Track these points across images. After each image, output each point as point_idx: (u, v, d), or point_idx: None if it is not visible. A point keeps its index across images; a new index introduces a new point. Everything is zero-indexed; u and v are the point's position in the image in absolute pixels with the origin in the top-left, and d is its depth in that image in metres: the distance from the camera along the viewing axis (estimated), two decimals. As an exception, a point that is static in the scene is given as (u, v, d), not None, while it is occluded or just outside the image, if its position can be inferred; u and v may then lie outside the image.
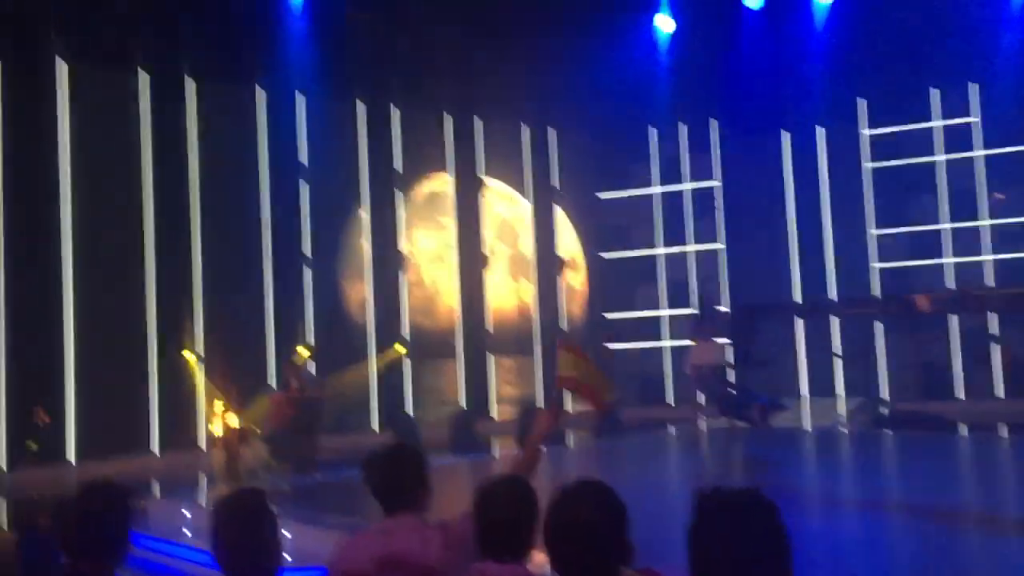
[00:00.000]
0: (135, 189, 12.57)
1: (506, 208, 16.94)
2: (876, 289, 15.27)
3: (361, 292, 14.85)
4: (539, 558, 2.73)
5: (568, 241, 17.60)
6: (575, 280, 17.59)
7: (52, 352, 11.69)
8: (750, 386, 10.29)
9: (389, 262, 15.05)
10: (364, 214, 14.89)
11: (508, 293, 16.77)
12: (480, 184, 16.32)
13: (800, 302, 15.46)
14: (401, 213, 15.34)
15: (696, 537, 1.72)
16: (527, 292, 16.89)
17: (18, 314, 11.50)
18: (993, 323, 14.56)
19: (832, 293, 15.63)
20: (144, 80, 12.80)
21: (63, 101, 12.14)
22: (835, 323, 15.49)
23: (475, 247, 16.09)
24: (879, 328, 15.25)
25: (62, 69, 12.16)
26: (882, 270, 15.32)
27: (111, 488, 2.68)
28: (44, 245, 11.82)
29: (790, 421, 12.48)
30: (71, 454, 11.72)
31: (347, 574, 2.95)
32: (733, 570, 1.67)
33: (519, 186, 17.02)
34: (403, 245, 15.29)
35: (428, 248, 15.82)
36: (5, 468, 11.14)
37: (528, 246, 16.97)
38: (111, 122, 12.45)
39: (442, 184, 16.02)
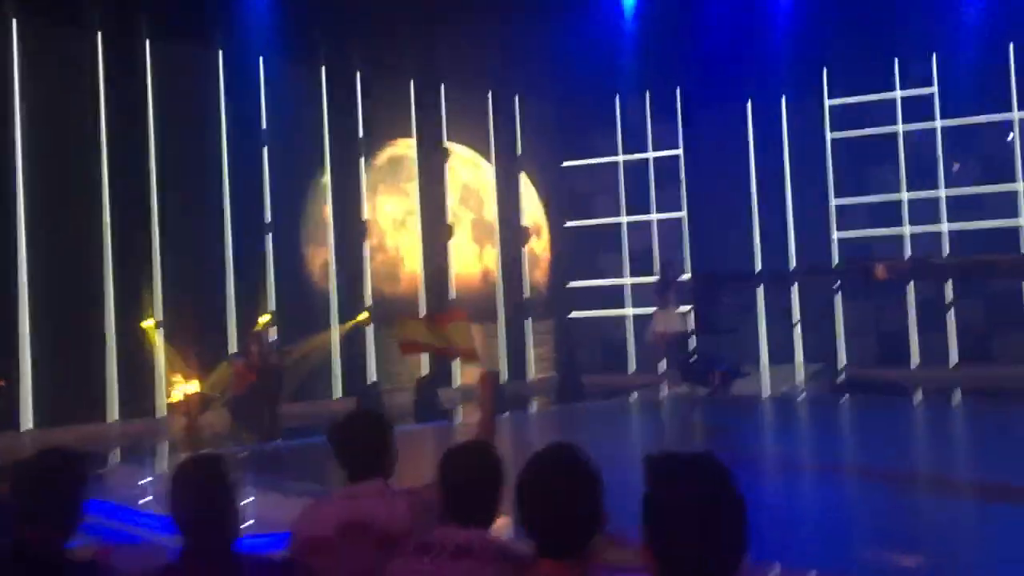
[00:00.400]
0: (91, 152, 12.29)
1: (470, 173, 16.86)
2: (836, 258, 15.48)
3: (323, 258, 14.73)
4: (501, 522, 2.74)
5: (532, 209, 17.59)
6: (538, 248, 17.60)
7: (7, 318, 11.46)
8: (711, 353, 10.38)
9: (351, 228, 14.93)
10: (326, 179, 14.73)
11: (472, 259, 16.73)
12: (443, 149, 16.21)
13: (760, 271, 15.62)
14: (363, 178, 15.20)
15: (649, 503, 1.71)
16: (491, 258, 16.88)
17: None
18: (948, 291, 14.83)
19: (793, 262, 15.81)
20: (98, 40, 12.48)
21: (15, 58, 11.81)
22: (795, 291, 15.68)
23: (439, 213, 16.01)
24: (838, 296, 15.47)
25: (12, 25, 11.82)
26: (842, 239, 15.51)
27: (63, 454, 2.64)
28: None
29: (750, 388, 12.66)
30: (27, 421, 11.54)
31: (311, 539, 2.93)
32: (687, 536, 1.66)
33: (483, 152, 16.94)
34: (366, 211, 15.16)
35: (391, 213, 15.71)
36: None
37: (492, 212, 16.92)
38: (65, 83, 12.14)
39: (405, 148, 15.88)
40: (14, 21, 11.84)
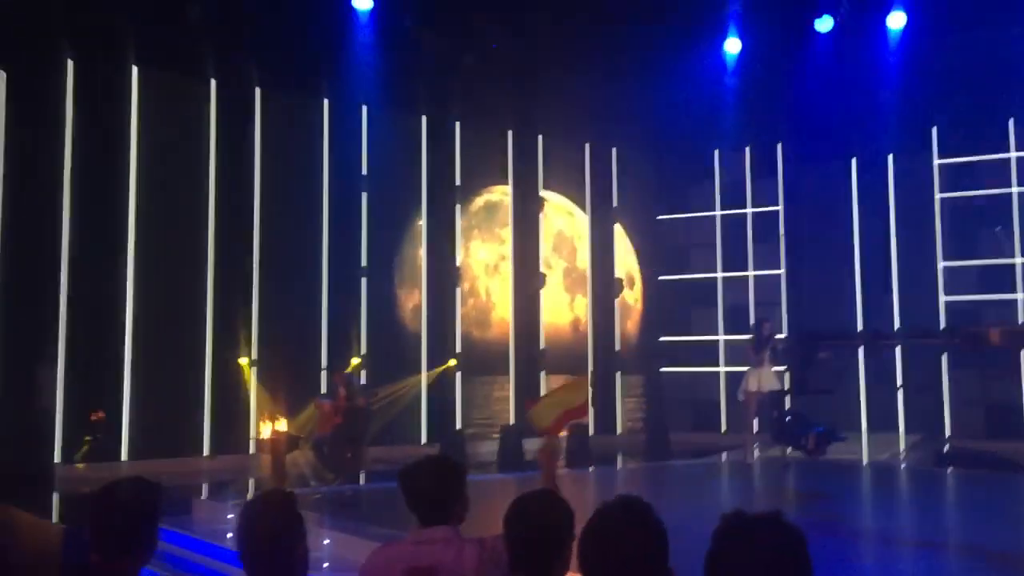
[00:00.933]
0: (199, 196, 12.81)
1: (564, 221, 16.88)
2: (943, 323, 14.83)
3: (415, 302, 14.91)
4: (570, 576, 2.63)
5: (625, 260, 17.47)
6: (631, 300, 17.43)
7: (111, 353, 11.92)
8: (806, 415, 9.97)
9: (444, 273, 15.08)
10: (422, 223, 14.95)
11: (562, 308, 16.67)
12: (539, 197, 16.30)
13: (863, 330, 15.06)
14: (458, 224, 15.37)
15: (711, 560, 1.62)
16: (581, 308, 16.78)
17: (80, 315, 11.75)
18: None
19: (897, 325, 15.21)
20: (212, 88, 13.06)
21: (134, 105, 12.44)
22: (899, 356, 15.07)
23: (532, 260, 16.05)
24: (944, 363, 14.80)
25: (134, 73, 12.47)
26: (949, 303, 14.88)
27: (138, 484, 2.65)
28: (108, 249, 12.09)
29: (848, 454, 12.16)
30: (124, 454, 11.90)
31: (379, 583, 2.89)
32: None
33: (578, 201, 16.97)
34: (459, 257, 15.29)
35: (484, 259, 15.81)
36: (58, 462, 11.34)
37: (585, 261, 16.87)
38: (178, 128, 12.72)
39: (500, 195, 16.03)
40: (135, 70, 12.49)
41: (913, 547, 7.03)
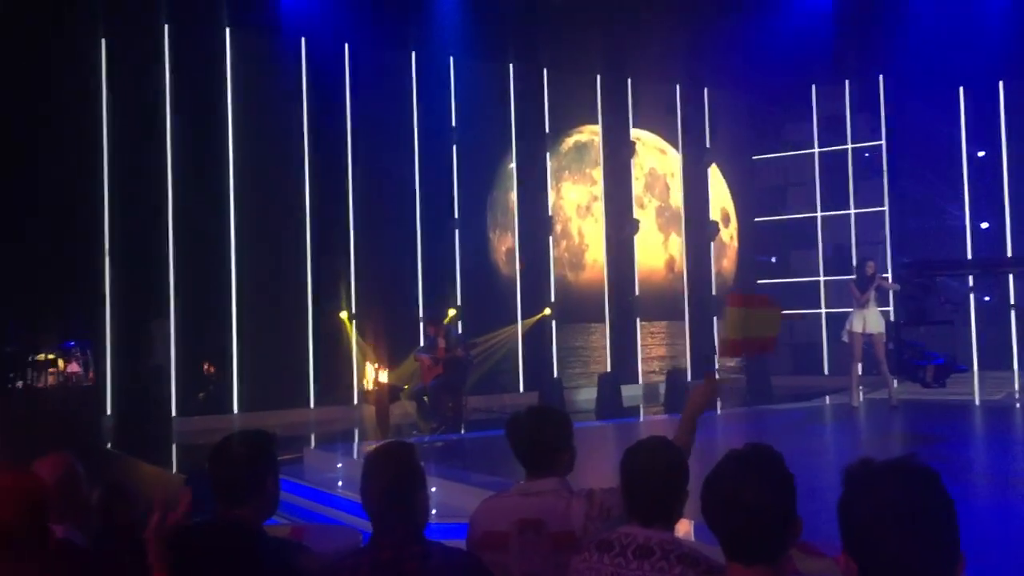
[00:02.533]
0: (295, 155, 13.03)
1: (656, 160, 16.61)
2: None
3: (509, 246, 14.94)
4: (685, 525, 2.62)
5: (721, 198, 17.12)
6: (727, 238, 17.11)
7: (218, 310, 12.35)
8: (923, 346, 9.60)
9: (536, 217, 15.05)
10: (512, 166, 14.90)
11: (656, 248, 16.46)
12: (630, 140, 16.07)
13: (979, 257, 14.40)
14: (548, 171, 15.28)
15: (848, 511, 1.58)
16: (676, 247, 16.57)
17: (188, 274, 12.18)
18: None
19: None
20: (303, 47, 13.21)
21: (228, 69, 12.69)
22: (1012, 288, 14.43)
23: (624, 201, 15.88)
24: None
25: (227, 37, 12.71)
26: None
27: (257, 435, 2.72)
28: (211, 209, 12.44)
29: (958, 395, 11.78)
30: (235, 406, 12.38)
31: (488, 534, 2.93)
32: (891, 543, 1.52)
33: (670, 139, 16.66)
34: (550, 204, 15.20)
35: (576, 199, 15.70)
36: (175, 415, 11.86)
37: (678, 200, 16.60)
38: (270, 86, 12.91)
39: (590, 135, 15.84)
40: (228, 33, 12.71)
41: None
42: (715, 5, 14.71)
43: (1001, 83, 14.83)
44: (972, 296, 14.51)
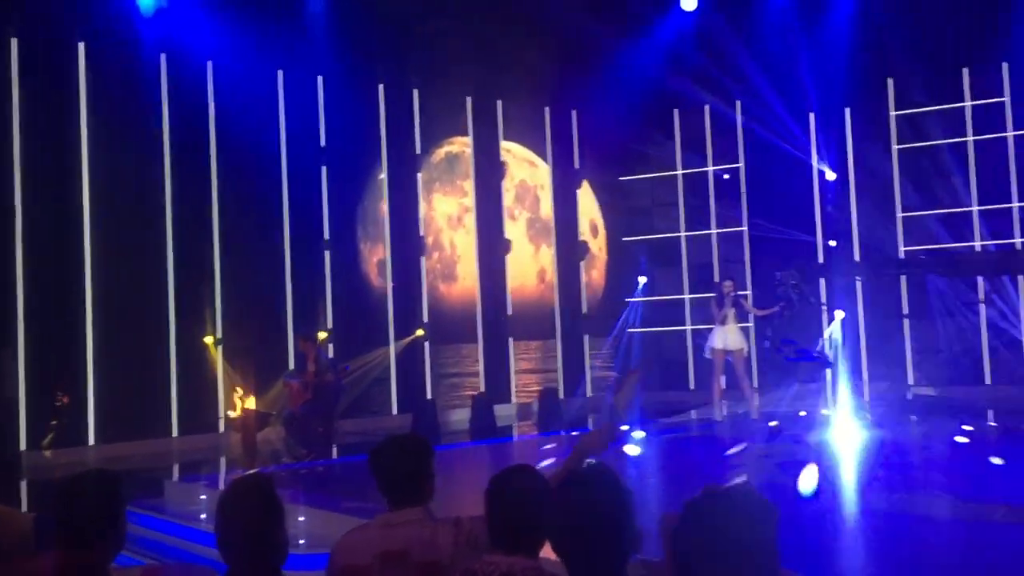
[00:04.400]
0: (155, 175, 12.56)
1: (526, 172, 16.82)
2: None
3: (380, 257, 14.80)
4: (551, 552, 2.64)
5: (590, 210, 17.47)
6: (595, 249, 17.47)
7: (73, 337, 11.74)
8: (798, 343, 10.05)
9: (409, 236, 14.98)
10: (383, 179, 14.79)
11: (527, 259, 16.62)
12: (500, 161, 16.25)
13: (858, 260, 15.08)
14: (420, 192, 15.25)
15: (676, 536, 1.64)
16: (547, 258, 16.79)
17: (38, 299, 11.54)
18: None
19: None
20: (163, 62, 12.78)
21: (82, 83, 12.14)
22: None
23: (495, 212, 16.01)
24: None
25: (80, 50, 12.17)
26: (908, 252, 15.09)
27: (99, 474, 2.62)
28: (65, 230, 11.85)
29: (810, 408, 12.37)
30: (91, 437, 11.77)
31: (347, 568, 2.87)
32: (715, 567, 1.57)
33: (540, 152, 16.94)
34: (421, 213, 15.14)
35: (447, 211, 15.71)
36: (24, 449, 11.19)
37: (548, 211, 16.85)
38: (128, 103, 12.42)
39: (461, 146, 15.91)
40: (81, 47, 12.17)
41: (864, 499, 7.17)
42: (581, 32, 15.09)
43: (848, 110, 15.73)
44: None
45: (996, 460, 8.19)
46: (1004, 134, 14.68)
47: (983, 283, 14.39)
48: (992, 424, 11.50)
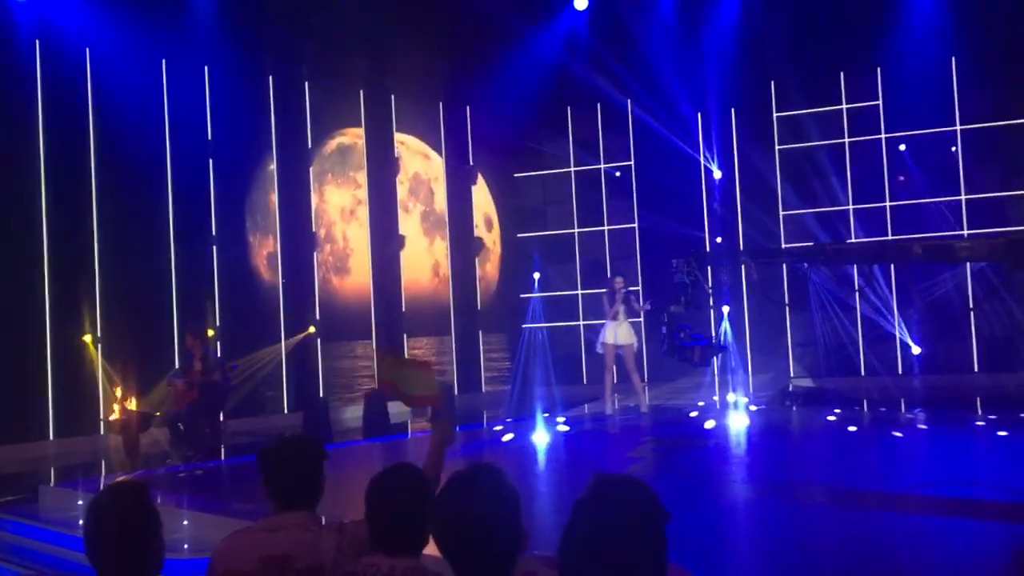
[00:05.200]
0: (29, 166, 11.97)
1: (420, 164, 16.75)
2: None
3: (270, 250, 14.49)
4: (433, 551, 2.65)
5: (484, 206, 17.52)
6: (489, 243, 17.54)
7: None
8: (692, 329, 10.31)
9: (300, 230, 14.71)
10: (273, 176, 14.49)
11: (421, 251, 16.55)
12: (394, 157, 16.13)
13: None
14: (312, 190, 15.00)
15: (567, 527, 1.65)
16: (441, 251, 16.76)
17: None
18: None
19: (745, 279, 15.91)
20: (37, 48, 12.19)
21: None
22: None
23: (390, 215, 15.88)
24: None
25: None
26: (790, 248, 15.66)
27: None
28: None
29: (690, 399, 12.70)
30: (-40, 441, 11.16)
31: (228, 572, 2.82)
32: (601, 562, 1.59)
33: (434, 144, 16.89)
34: (313, 204, 14.90)
35: (339, 203, 15.50)
36: None
37: (442, 204, 16.81)
38: (2, 90, 11.80)
39: (353, 138, 15.71)
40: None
41: (753, 485, 7.44)
42: (473, 30, 15.13)
43: (733, 111, 16.22)
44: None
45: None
46: (878, 136, 15.42)
47: (857, 277, 15.06)
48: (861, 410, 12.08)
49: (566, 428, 10.92)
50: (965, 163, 15.01)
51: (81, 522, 6.80)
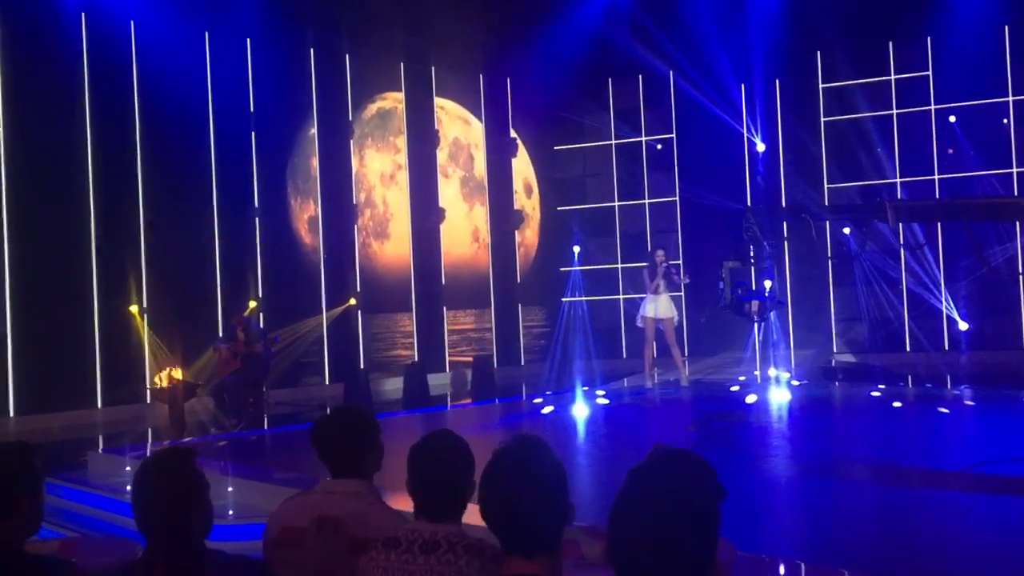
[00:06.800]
0: (76, 138, 12.14)
1: (460, 129, 16.71)
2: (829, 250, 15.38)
3: (311, 214, 14.60)
4: (474, 516, 2.65)
5: (524, 172, 17.46)
6: (529, 209, 17.50)
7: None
8: (749, 284, 10.20)
9: (341, 205, 14.79)
10: (315, 140, 14.56)
11: (461, 217, 16.54)
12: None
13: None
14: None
15: (616, 500, 1.62)
16: (480, 217, 16.74)
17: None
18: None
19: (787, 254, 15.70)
20: (83, 21, 12.31)
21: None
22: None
23: (428, 169, 15.89)
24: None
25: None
26: (852, 205, 15.40)
27: (9, 447, 2.51)
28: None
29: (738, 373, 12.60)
30: (11, 409, 11.42)
31: (285, 529, 2.89)
32: (641, 538, 1.56)
33: (474, 110, 16.83)
34: (353, 170, 14.95)
35: (379, 168, 15.54)
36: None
37: (482, 170, 16.77)
38: (47, 64, 11.95)
39: (393, 102, 15.70)
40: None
41: (809, 463, 7.37)
42: (514, 1, 15.00)
43: (778, 82, 15.95)
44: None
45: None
46: (927, 107, 15.07)
47: (903, 250, 14.79)
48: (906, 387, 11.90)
49: (606, 401, 10.90)
50: (1017, 135, 14.62)
51: (129, 487, 6.95)
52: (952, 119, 14.87)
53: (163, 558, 2.40)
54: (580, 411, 9.63)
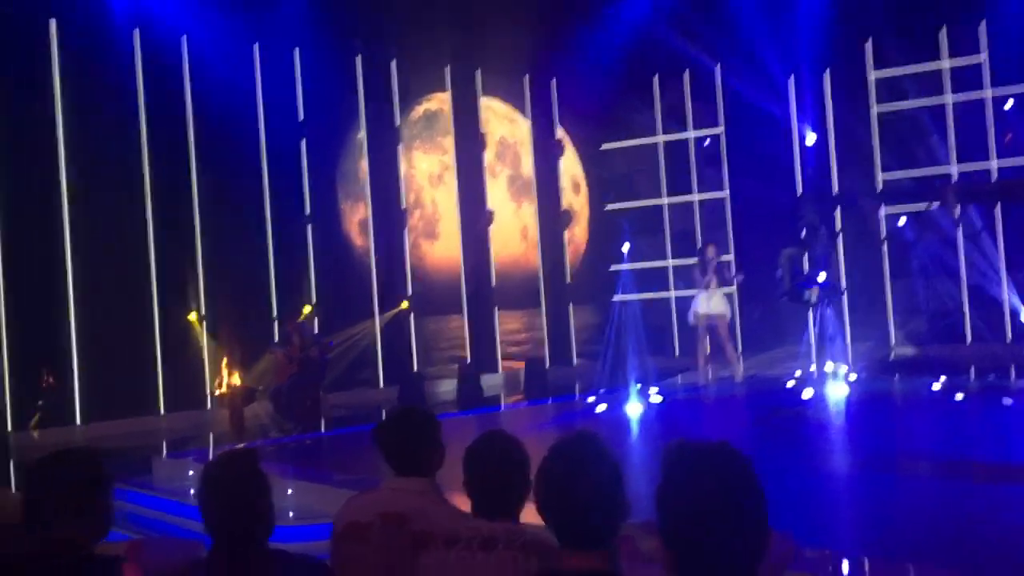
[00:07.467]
0: (132, 150, 12.45)
1: (506, 128, 16.75)
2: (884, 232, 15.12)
3: (362, 216, 14.77)
4: (532, 513, 2.68)
5: (571, 169, 17.44)
6: (577, 207, 17.48)
7: (55, 316, 11.68)
8: (807, 272, 10.11)
9: (390, 208, 14.94)
10: (363, 144, 14.72)
11: (509, 216, 16.58)
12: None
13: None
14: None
15: (659, 494, 1.64)
16: (529, 215, 16.76)
17: (19, 279, 11.47)
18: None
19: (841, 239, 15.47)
20: (136, 36, 12.63)
21: (54, 59, 11.99)
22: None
23: (475, 169, 15.97)
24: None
25: (52, 27, 12.00)
26: (889, 214, 15.16)
27: (77, 453, 2.61)
28: (44, 210, 11.76)
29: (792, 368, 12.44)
30: (77, 417, 11.76)
31: (351, 525, 2.99)
32: (695, 528, 1.58)
33: (520, 107, 16.85)
34: (401, 172, 15.07)
35: (427, 169, 15.66)
36: (11, 430, 11.18)
37: (529, 169, 16.79)
38: (102, 80, 12.27)
39: (439, 103, 15.82)
40: (53, 27, 11.99)
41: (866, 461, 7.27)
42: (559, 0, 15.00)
43: (827, 72, 15.71)
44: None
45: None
46: (982, 94, 14.72)
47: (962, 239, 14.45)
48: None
49: (659, 399, 10.85)
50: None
51: (193, 491, 7.12)
52: (1009, 105, 14.51)
53: (228, 558, 2.47)
54: (634, 409, 9.60)
